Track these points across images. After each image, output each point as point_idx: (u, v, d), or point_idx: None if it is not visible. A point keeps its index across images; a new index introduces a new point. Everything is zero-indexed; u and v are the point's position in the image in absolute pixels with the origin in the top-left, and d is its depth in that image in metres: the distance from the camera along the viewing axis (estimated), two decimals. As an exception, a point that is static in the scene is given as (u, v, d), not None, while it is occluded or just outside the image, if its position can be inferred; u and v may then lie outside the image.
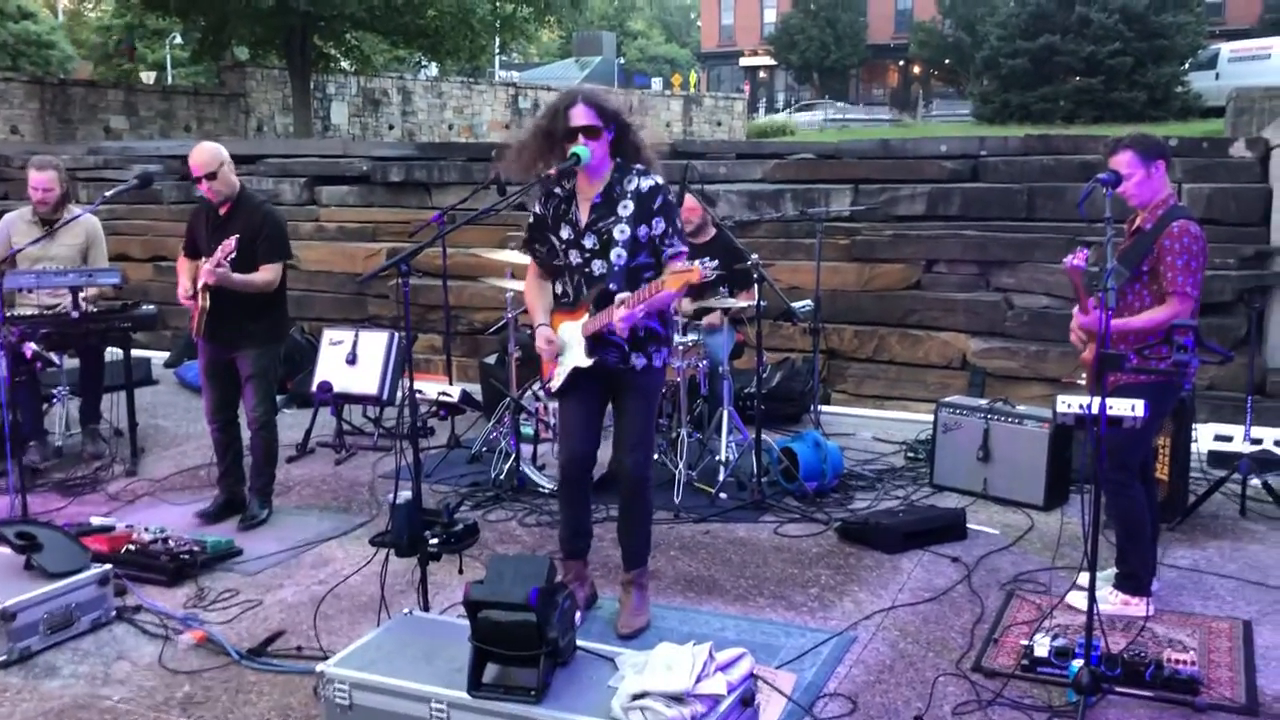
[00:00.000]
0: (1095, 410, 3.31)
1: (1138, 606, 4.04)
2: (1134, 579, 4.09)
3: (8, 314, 5.36)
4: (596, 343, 3.88)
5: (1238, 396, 6.37)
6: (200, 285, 4.91)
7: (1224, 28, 36.30)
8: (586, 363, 3.88)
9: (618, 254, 3.84)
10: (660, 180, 3.90)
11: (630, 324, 3.72)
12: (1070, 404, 3.49)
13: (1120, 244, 4.07)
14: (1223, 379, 6.89)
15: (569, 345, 3.96)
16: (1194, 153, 8.05)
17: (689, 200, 6.06)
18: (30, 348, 5.26)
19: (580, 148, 3.74)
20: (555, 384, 4.02)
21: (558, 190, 3.97)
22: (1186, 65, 29.67)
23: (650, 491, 4.08)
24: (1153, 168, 4.01)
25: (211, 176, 4.92)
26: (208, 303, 4.93)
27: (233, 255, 4.76)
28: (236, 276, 4.86)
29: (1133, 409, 3.39)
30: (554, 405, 5.26)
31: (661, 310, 3.91)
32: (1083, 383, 4.76)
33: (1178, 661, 3.49)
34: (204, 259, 4.89)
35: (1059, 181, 8.16)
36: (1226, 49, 28.41)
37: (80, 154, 12.52)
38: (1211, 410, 6.53)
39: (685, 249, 3.90)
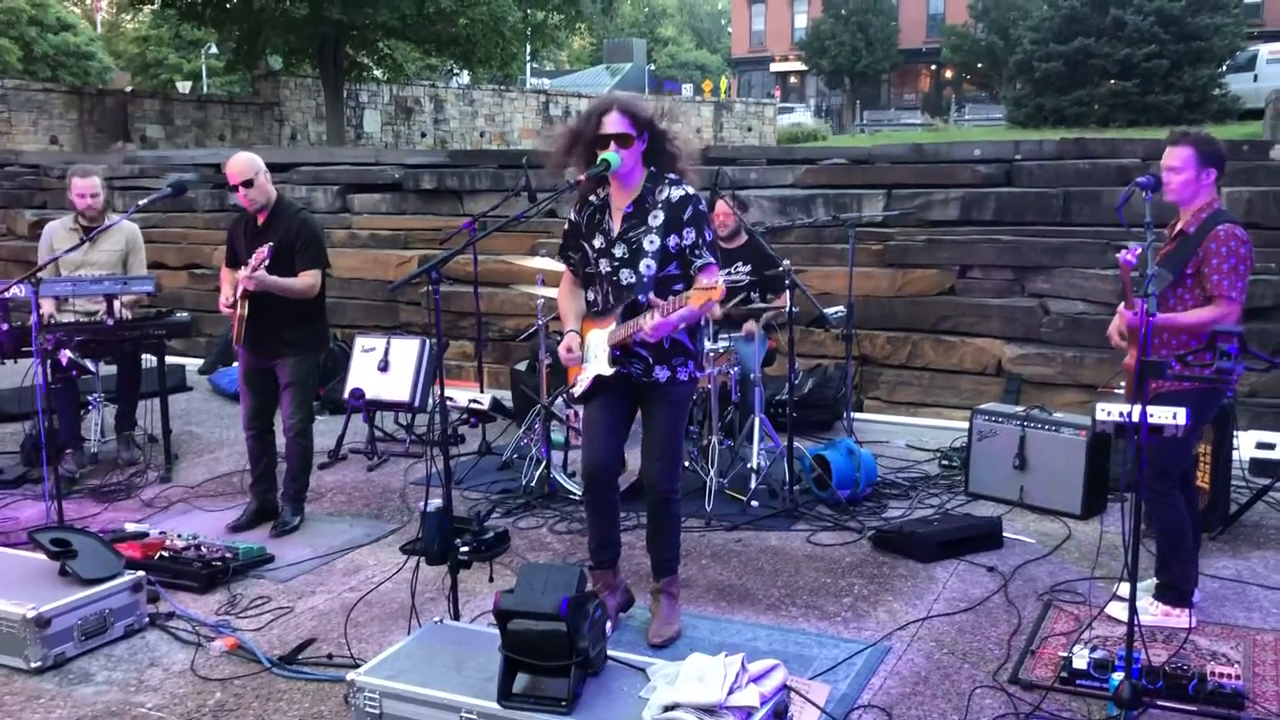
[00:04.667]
0: (1135, 418, 3.25)
1: (1180, 618, 3.96)
2: (1175, 589, 4.02)
3: (45, 321, 5.41)
4: (622, 352, 3.86)
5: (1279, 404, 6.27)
6: (239, 294, 4.94)
7: (1263, 29, 35.73)
8: (608, 371, 3.86)
9: (647, 264, 3.82)
10: (692, 190, 3.86)
11: (661, 335, 3.68)
12: (1110, 411, 3.42)
13: (1161, 248, 4.00)
14: (1264, 386, 6.76)
15: (595, 353, 3.94)
16: (1234, 156, 7.91)
17: (721, 205, 6.03)
18: (66, 355, 5.31)
19: (610, 154, 3.72)
20: (578, 390, 4.02)
21: (593, 198, 3.96)
22: (1224, 67, 29.25)
23: (677, 503, 4.02)
24: (1204, 174, 3.94)
25: (248, 184, 4.97)
26: (246, 311, 4.96)
27: (266, 262, 4.79)
28: (275, 279, 4.89)
29: (1174, 417, 3.32)
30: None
31: (691, 325, 3.88)
32: (1121, 390, 4.68)
33: (1222, 675, 3.42)
34: (243, 268, 4.93)
35: (1095, 185, 8.05)
36: (1265, 50, 28.01)
37: (117, 163, 12.65)
38: (1253, 417, 6.42)
39: (715, 261, 3.86)
